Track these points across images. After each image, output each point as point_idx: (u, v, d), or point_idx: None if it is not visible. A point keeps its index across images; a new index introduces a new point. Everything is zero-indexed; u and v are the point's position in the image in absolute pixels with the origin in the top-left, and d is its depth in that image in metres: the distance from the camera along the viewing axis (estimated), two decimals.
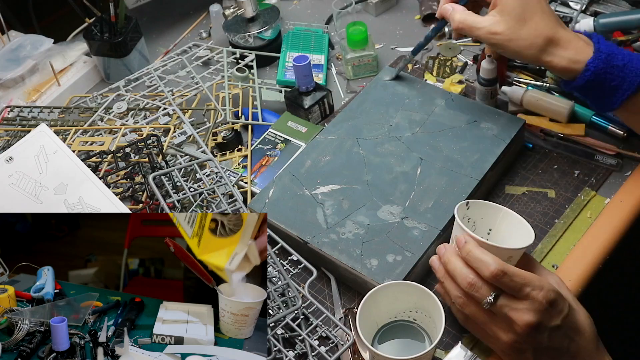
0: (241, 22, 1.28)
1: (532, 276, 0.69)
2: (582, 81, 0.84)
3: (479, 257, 0.70)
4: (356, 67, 1.20)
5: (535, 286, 0.68)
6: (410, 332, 0.81)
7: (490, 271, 0.68)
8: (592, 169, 0.97)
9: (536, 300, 0.68)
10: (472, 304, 0.72)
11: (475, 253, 0.71)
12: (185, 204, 0.95)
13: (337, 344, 0.82)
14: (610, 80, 0.83)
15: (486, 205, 0.81)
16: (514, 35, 0.84)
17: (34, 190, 0.84)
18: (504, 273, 0.68)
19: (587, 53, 0.83)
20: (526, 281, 0.68)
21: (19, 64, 1.29)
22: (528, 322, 0.68)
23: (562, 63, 0.84)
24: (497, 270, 0.68)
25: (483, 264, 0.69)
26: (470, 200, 0.80)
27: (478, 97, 1.07)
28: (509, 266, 0.69)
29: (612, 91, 0.84)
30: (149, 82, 1.20)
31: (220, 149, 1.09)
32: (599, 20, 1.13)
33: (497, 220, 0.81)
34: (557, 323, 0.69)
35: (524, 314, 0.68)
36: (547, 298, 0.68)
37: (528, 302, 0.68)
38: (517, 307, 0.68)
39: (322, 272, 0.91)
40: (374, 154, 0.97)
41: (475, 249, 0.71)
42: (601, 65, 0.82)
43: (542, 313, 0.68)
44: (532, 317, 0.68)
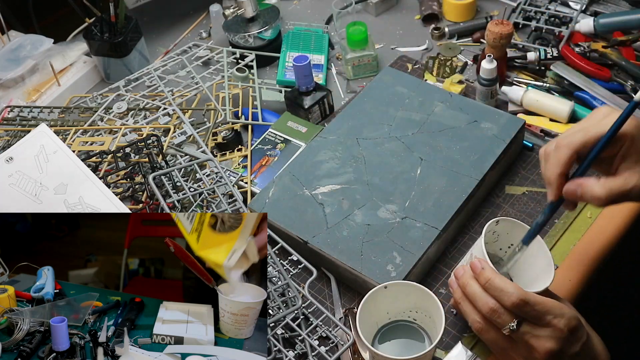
0: (241, 22, 1.28)
1: (553, 303, 0.68)
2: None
3: (499, 287, 0.69)
4: (356, 67, 1.20)
5: (557, 314, 0.68)
6: (410, 332, 0.81)
7: (512, 301, 0.68)
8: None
9: (557, 328, 0.67)
10: (492, 329, 0.71)
11: (496, 282, 0.69)
12: (185, 204, 0.95)
13: (337, 344, 0.82)
14: None
15: (514, 223, 0.79)
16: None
17: (34, 190, 0.84)
18: (526, 303, 0.67)
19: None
20: (547, 309, 0.67)
21: (19, 64, 1.29)
22: (549, 349, 0.68)
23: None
24: (519, 300, 0.67)
25: (504, 293, 0.68)
26: (500, 218, 0.79)
27: (478, 97, 1.07)
28: (530, 295, 0.68)
29: None
30: (149, 82, 1.20)
31: (220, 149, 1.09)
32: (599, 20, 1.13)
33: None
34: (577, 350, 0.69)
35: (545, 342, 0.68)
36: (568, 326, 0.68)
37: (550, 330, 0.68)
38: (539, 335, 0.68)
39: (322, 272, 0.91)
40: (374, 154, 0.97)
41: (495, 277, 0.70)
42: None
43: (563, 341, 0.68)
44: (553, 344, 0.68)
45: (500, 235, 0.81)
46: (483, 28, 1.23)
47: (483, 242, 0.74)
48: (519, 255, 0.76)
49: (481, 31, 1.24)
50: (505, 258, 0.80)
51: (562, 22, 1.18)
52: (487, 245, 0.78)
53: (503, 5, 1.29)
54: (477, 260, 0.73)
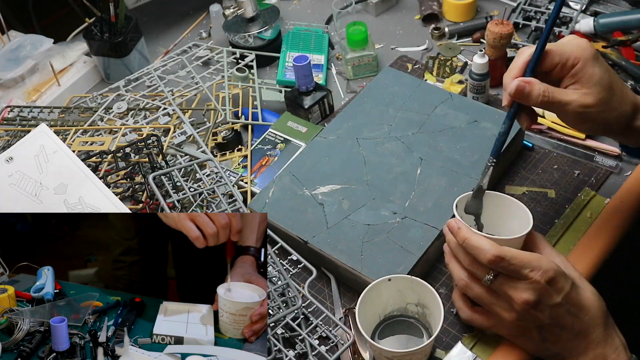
0: (241, 22, 1.28)
1: (529, 257, 0.70)
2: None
3: (475, 245, 0.72)
4: (356, 67, 1.20)
5: (534, 267, 0.69)
6: (409, 328, 0.81)
7: (487, 258, 0.70)
8: (592, 169, 0.97)
9: (534, 280, 0.69)
10: (475, 285, 0.74)
11: (472, 241, 0.72)
12: (185, 204, 0.95)
13: (337, 344, 0.82)
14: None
15: (499, 196, 0.81)
16: (606, 106, 0.75)
17: (34, 190, 0.84)
18: (502, 258, 0.70)
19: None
20: (524, 263, 0.69)
21: (19, 64, 1.29)
22: (526, 300, 0.70)
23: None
24: (494, 257, 0.70)
25: (480, 250, 0.71)
26: (467, 193, 0.80)
27: (469, 91, 1.07)
28: (506, 250, 0.70)
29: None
30: (149, 82, 1.20)
31: (220, 149, 1.09)
32: (599, 20, 1.13)
33: (498, 208, 0.81)
34: (557, 301, 0.70)
35: (522, 293, 0.70)
36: (545, 277, 0.69)
37: (527, 282, 0.70)
38: (516, 286, 0.70)
39: (322, 272, 0.91)
40: (374, 154, 0.97)
41: (471, 235, 0.72)
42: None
43: (540, 291, 0.70)
44: (531, 295, 0.70)
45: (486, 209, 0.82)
46: (483, 28, 1.23)
47: (456, 212, 0.77)
48: (491, 170, 0.79)
49: (481, 31, 1.24)
50: (481, 181, 0.82)
51: (562, 22, 1.18)
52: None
53: (503, 5, 1.29)
54: (454, 220, 0.75)
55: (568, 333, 0.72)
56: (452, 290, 0.86)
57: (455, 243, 0.75)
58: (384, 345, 0.79)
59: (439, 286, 0.88)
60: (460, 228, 0.74)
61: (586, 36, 1.14)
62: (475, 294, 0.75)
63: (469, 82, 1.07)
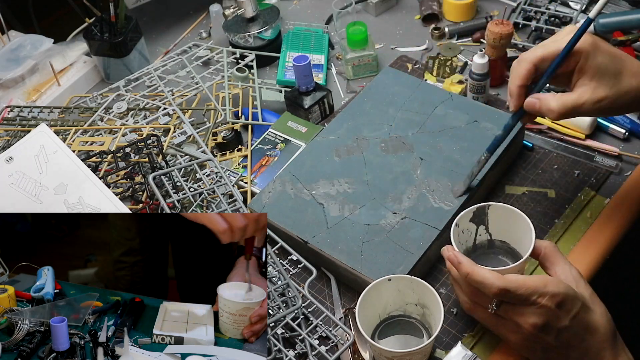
0: (241, 22, 1.27)
1: (535, 284, 0.68)
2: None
3: (479, 280, 0.70)
4: (356, 67, 1.20)
5: (541, 293, 0.68)
6: (409, 328, 0.81)
7: (492, 292, 0.69)
8: (592, 169, 0.97)
9: (541, 304, 0.68)
10: (480, 308, 0.73)
11: (475, 276, 0.71)
12: (185, 204, 0.95)
13: (337, 344, 0.82)
14: None
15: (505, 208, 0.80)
16: (619, 91, 0.74)
17: (34, 190, 0.84)
18: (507, 291, 0.68)
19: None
20: (530, 291, 0.68)
21: (19, 64, 1.29)
22: (534, 324, 0.69)
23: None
24: (499, 290, 0.68)
25: (485, 285, 0.70)
26: (466, 211, 0.80)
27: (469, 91, 1.07)
28: (511, 282, 0.68)
29: None
30: (149, 82, 1.20)
31: (220, 149, 1.09)
32: (599, 20, 1.13)
33: (503, 219, 0.81)
34: (566, 324, 0.69)
35: (529, 318, 0.69)
36: (553, 301, 0.68)
37: (534, 307, 0.68)
38: (523, 312, 0.69)
39: (322, 272, 0.91)
40: (374, 154, 0.97)
41: (473, 270, 0.71)
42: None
43: (548, 315, 0.68)
44: (538, 319, 0.68)
45: (491, 222, 0.82)
46: (483, 28, 1.23)
47: (453, 240, 0.77)
48: (485, 165, 0.81)
49: (481, 31, 1.24)
50: (474, 169, 0.86)
51: (562, 22, 1.18)
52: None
53: (503, 5, 1.29)
54: (453, 253, 0.74)
55: (574, 353, 0.71)
56: (452, 291, 0.86)
57: (457, 275, 0.74)
58: (384, 345, 0.79)
59: (439, 286, 0.88)
60: (461, 263, 0.72)
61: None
62: (480, 317, 0.75)
63: (469, 82, 1.07)
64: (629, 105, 0.76)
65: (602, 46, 0.75)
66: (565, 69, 0.76)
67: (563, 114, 0.75)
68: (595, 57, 0.74)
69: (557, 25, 1.17)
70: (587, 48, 0.74)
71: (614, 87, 0.74)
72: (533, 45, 1.15)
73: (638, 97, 0.76)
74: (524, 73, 0.77)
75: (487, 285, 0.69)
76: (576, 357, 0.71)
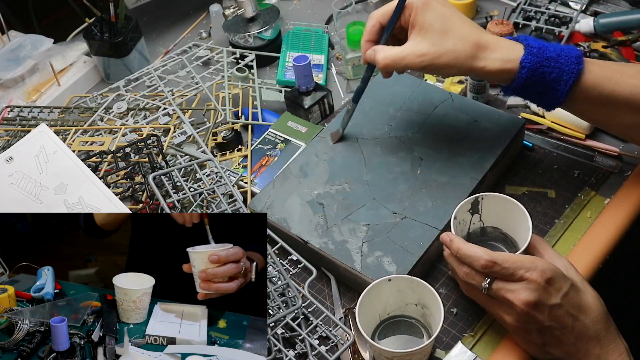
0: (241, 22, 1.28)
1: (523, 259, 0.70)
2: (520, 80, 0.80)
3: (468, 253, 0.73)
4: (356, 67, 1.20)
5: (529, 267, 0.69)
6: (409, 328, 0.81)
7: (481, 264, 0.71)
8: (592, 169, 0.97)
9: (531, 280, 0.69)
10: (474, 290, 0.75)
11: (464, 250, 0.73)
12: (185, 204, 0.95)
13: (337, 344, 0.82)
14: (549, 74, 0.79)
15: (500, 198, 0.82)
16: (441, 49, 0.79)
17: (34, 190, 0.84)
18: (494, 263, 0.70)
19: (518, 51, 0.80)
20: (517, 265, 0.70)
21: (19, 64, 1.29)
22: (525, 300, 0.69)
23: (495, 65, 0.80)
24: (487, 262, 0.71)
25: (473, 258, 0.72)
26: (466, 200, 0.82)
27: (469, 91, 1.07)
28: (499, 255, 0.71)
29: (554, 84, 0.80)
30: (149, 82, 1.20)
31: (220, 149, 1.09)
32: (599, 20, 1.13)
33: (503, 211, 0.82)
34: (557, 301, 0.70)
35: (520, 294, 0.70)
36: (542, 277, 0.69)
37: (524, 283, 0.70)
38: (514, 289, 0.70)
39: (322, 272, 0.91)
40: (374, 154, 0.97)
41: (463, 245, 0.74)
42: (535, 60, 0.78)
43: (539, 291, 0.69)
44: (529, 295, 0.69)
45: (485, 210, 0.84)
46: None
47: (453, 226, 0.80)
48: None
49: None
50: (344, 118, 0.96)
51: (562, 22, 1.18)
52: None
53: (503, 5, 1.29)
54: (446, 233, 0.77)
55: (568, 335, 0.71)
56: (452, 291, 0.86)
57: (452, 256, 0.76)
58: (384, 345, 0.79)
59: (439, 286, 0.88)
60: (453, 240, 0.75)
61: (586, 36, 1.14)
62: (477, 298, 0.77)
63: (469, 82, 1.07)
64: (451, 66, 0.80)
65: (433, 4, 0.81)
66: (401, 24, 0.84)
67: (388, 65, 0.83)
68: (425, 13, 0.80)
69: (557, 25, 1.17)
70: (418, 4, 0.81)
71: (435, 45, 0.79)
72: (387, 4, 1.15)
73: (461, 61, 0.80)
74: (369, 29, 0.86)
75: (476, 258, 0.71)
76: (569, 339, 0.71)
